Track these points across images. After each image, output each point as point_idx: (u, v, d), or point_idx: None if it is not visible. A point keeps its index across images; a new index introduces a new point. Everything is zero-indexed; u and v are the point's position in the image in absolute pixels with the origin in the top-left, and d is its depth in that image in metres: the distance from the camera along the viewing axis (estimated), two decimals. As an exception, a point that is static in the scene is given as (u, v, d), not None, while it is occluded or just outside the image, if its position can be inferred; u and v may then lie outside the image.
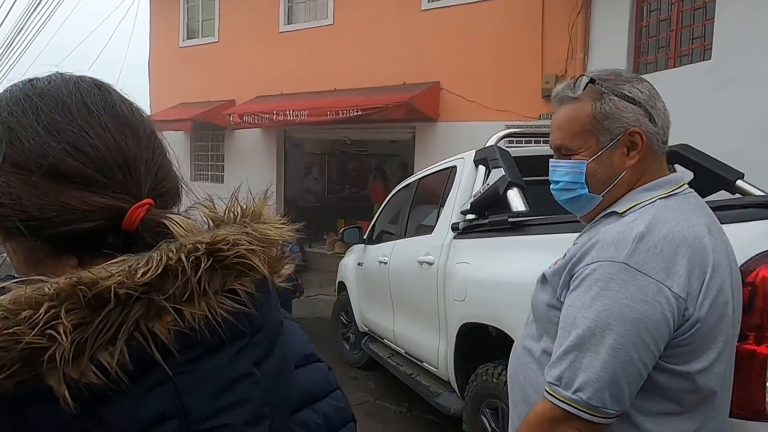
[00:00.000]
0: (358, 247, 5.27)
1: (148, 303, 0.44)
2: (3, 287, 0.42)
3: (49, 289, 0.42)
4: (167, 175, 0.56)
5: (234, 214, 0.53)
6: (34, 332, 0.39)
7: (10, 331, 0.39)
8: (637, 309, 0.90)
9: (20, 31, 11.21)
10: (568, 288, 1.00)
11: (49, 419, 0.41)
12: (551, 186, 1.12)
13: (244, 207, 0.54)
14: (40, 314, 0.40)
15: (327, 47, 8.99)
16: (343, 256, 5.76)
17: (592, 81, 1.05)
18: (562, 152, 1.09)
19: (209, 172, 11.15)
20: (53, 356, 0.40)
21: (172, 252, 0.46)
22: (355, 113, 7.45)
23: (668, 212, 0.98)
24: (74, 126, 0.50)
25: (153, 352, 0.43)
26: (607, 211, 1.06)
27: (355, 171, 12.88)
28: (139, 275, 0.43)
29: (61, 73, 0.55)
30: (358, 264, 5.03)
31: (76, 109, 0.51)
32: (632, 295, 0.91)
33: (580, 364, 0.92)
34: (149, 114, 0.58)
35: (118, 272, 0.43)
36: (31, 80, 0.54)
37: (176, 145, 11.72)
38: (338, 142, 11.89)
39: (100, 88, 0.54)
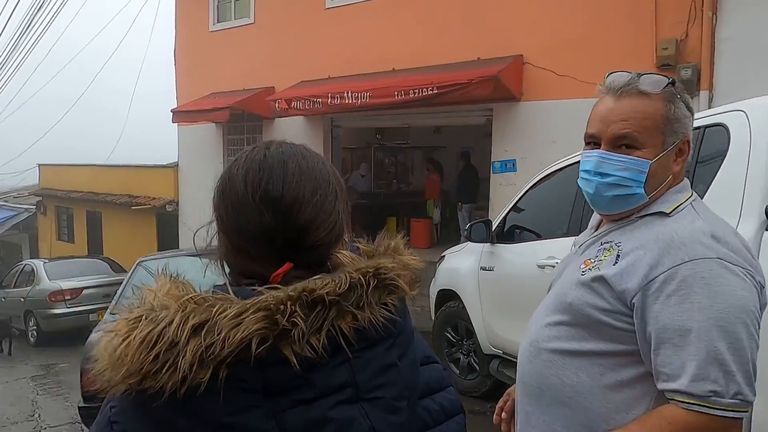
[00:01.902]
0: (472, 248, 4.22)
1: (338, 307, 0.64)
2: (255, 290, 0.63)
3: (287, 294, 0.62)
4: (315, 230, 0.69)
5: (383, 248, 0.73)
6: (285, 318, 0.61)
7: (273, 318, 0.60)
8: (749, 298, 0.94)
9: (29, 24, 10.28)
10: (647, 295, 0.96)
11: (282, 376, 0.61)
12: (594, 178, 1.07)
13: (389, 243, 0.74)
14: (288, 309, 0.61)
15: (382, 22, 7.95)
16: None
17: (672, 82, 1.05)
18: (620, 144, 1.05)
19: (245, 168, 10.14)
20: (293, 335, 0.61)
21: (353, 273, 0.66)
22: (430, 92, 6.39)
23: (708, 212, 1.05)
24: (237, 211, 0.69)
25: (340, 340, 0.64)
26: (651, 211, 1.06)
27: (401, 165, 11.83)
28: (338, 288, 0.64)
29: (253, 153, 0.73)
30: (483, 268, 3.98)
31: (240, 194, 0.69)
32: (739, 285, 0.94)
33: (729, 365, 0.91)
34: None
35: (325, 285, 0.64)
36: (236, 160, 0.73)
37: (207, 139, 10.79)
38: (372, 136, 10.88)
39: (260, 170, 0.70)
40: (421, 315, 7.05)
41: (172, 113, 9.56)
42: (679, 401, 0.92)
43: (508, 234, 3.87)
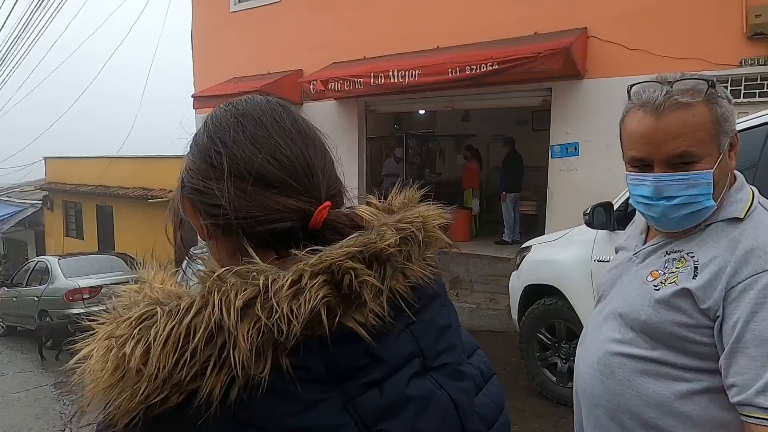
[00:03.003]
0: (579, 236, 3.65)
1: (392, 264, 0.55)
2: (315, 249, 0.52)
3: (346, 250, 0.52)
4: (336, 180, 0.64)
5: (398, 203, 0.65)
6: (356, 280, 0.51)
7: (334, 283, 0.50)
8: None
9: (34, 12, 9.64)
10: (726, 303, 0.92)
11: (347, 355, 0.51)
12: (659, 203, 1.00)
13: (402, 197, 0.66)
14: (352, 268, 0.51)
15: (424, -3, 7.37)
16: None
17: (712, 85, 0.99)
18: (677, 162, 0.99)
19: (271, 157, 9.56)
20: (363, 299, 0.51)
21: (400, 225, 0.57)
22: (490, 68, 5.81)
23: None
24: (271, 139, 0.59)
25: (400, 302, 0.55)
26: (722, 218, 1.00)
27: (432, 153, 11.26)
28: (392, 238, 0.55)
29: (254, 96, 0.65)
30: (597, 260, 3.41)
31: (270, 125, 0.60)
32: None
33: None
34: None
35: (382, 238, 0.54)
36: (231, 102, 0.64)
37: (227, 128, 10.16)
38: (389, 123, 10.28)
39: (284, 108, 0.64)
40: (475, 312, 6.53)
41: (193, 99, 8.95)
42: (749, 416, 0.88)
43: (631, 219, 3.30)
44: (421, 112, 10.63)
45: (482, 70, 5.88)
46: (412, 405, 0.53)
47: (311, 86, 7.35)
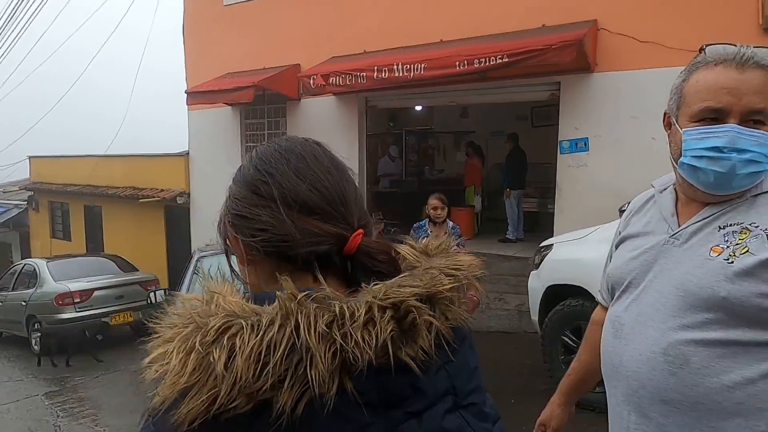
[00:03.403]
0: (611, 234, 3.45)
1: (440, 306, 0.59)
2: (357, 289, 0.57)
3: (413, 290, 0.56)
4: (365, 213, 0.69)
5: (433, 248, 0.69)
6: (419, 317, 0.55)
7: (398, 318, 0.54)
8: None
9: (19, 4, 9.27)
10: None
11: (397, 385, 0.55)
12: (731, 155, 0.98)
13: (436, 243, 0.69)
14: (416, 307, 0.55)
15: (427, -11, 7.17)
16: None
17: None
18: (754, 119, 0.99)
19: (268, 155, 9.29)
20: (420, 335, 0.56)
21: (450, 271, 0.62)
22: (500, 61, 5.63)
23: None
24: (312, 172, 0.65)
25: (442, 341, 0.58)
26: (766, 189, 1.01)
27: (432, 150, 11.07)
28: (449, 284, 0.60)
29: (295, 136, 0.72)
30: (631, 259, 3.22)
31: (311, 160, 0.67)
32: None
33: None
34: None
35: (443, 283, 0.59)
36: (274, 141, 0.70)
37: (222, 124, 9.87)
38: (384, 121, 10.05)
39: (320, 146, 0.70)
40: (485, 312, 6.36)
41: (186, 95, 8.66)
42: None
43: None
44: (418, 108, 10.44)
45: (491, 63, 5.70)
46: None
47: (311, 81, 7.10)
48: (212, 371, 0.47)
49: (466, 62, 5.85)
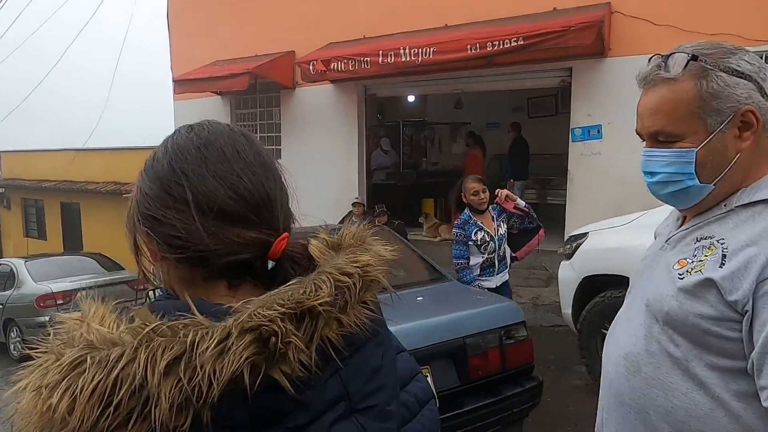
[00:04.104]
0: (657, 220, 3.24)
1: (326, 315, 0.55)
2: (231, 309, 0.52)
3: (277, 311, 0.52)
4: (290, 213, 0.64)
5: (348, 238, 0.64)
6: (280, 341, 0.51)
7: (262, 340, 0.50)
8: None
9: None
10: (757, 297, 0.84)
11: (272, 404, 0.52)
12: (645, 179, 1.01)
13: (353, 231, 0.65)
14: (280, 328, 0.51)
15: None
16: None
17: (693, 57, 0.93)
18: (659, 139, 0.97)
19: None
20: (288, 357, 0.51)
21: (338, 276, 0.57)
22: (515, 44, 5.40)
23: None
24: (233, 173, 0.59)
25: (330, 351, 0.55)
26: (753, 199, 0.93)
27: (428, 142, 10.81)
28: (326, 295, 0.55)
29: (217, 123, 0.64)
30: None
31: (232, 157, 0.60)
32: None
33: None
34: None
35: (316, 295, 0.54)
36: (193, 128, 0.64)
37: (211, 114, 9.33)
38: (373, 113, 9.72)
39: (246, 138, 0.63)
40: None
41: (174, 83, 8.20)
42: None
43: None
44: (410, 99, 10.17)
45: (506, 46, 5.46)
46: None
47: (311, 67, 6.77)
48: (55, 415, 0.44)
49: (478, 45, 5.60)
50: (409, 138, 10.33)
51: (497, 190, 3.64)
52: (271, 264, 0.61)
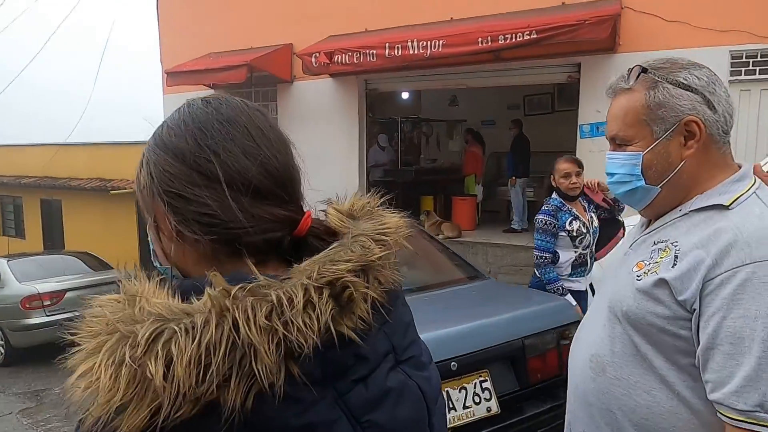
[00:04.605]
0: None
1: (374, 274, 0.59)
2: (278, 277, 0.53)
3: (347, 266, 0.55)
4: (300, 176, 0.65)
5: (359, 208, 0.67)
6: (355, 293, 0.55)
7: (335, 296, 0.54)
8: None
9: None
10: (703, 296, 0.91)
11: (339, 358, 0.55)
12: (607, 179, 1.10)
13: (363, 202, 0.68)
14: (352, 282, 0.55)
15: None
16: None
17: (644, 70, 1.02)
18: (617, 143, 1.07)
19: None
20: (357, 309, 0.55)
21: (378, 237, 0.61)
22: (527, 37, 5.30)
23: None
24: (260, 151, 0.59)
25: (379, 307, 0.58)
26: (707, 204, 0.99)
27: (427, 137, 10.67)
28: (379, 254, 0.59)
29: (229, 98, 0.63)
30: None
31: (256, 136, 0.60)
32: None
33: None
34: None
35: (374, 253, 0.58)
36: (209, 102, 0.62)
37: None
38: (371, 109, 9.57)
39: (262, 114, 0.63)
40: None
41: (166, 75, 7.89)
42: (723, 415, 0.89)
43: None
44: (405, 96, 10.03)
45: (518, 39, 5.36)
46: (391, 396, 0.59)
47: (313, 59, 6.56)
48: (150, 384, 0.45)
49: (489, 39, 5.48)
50: (405, 135, 10.16)
51: (588, 180, 3.14)
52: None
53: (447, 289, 2.66)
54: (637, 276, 0.99)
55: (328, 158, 7.75)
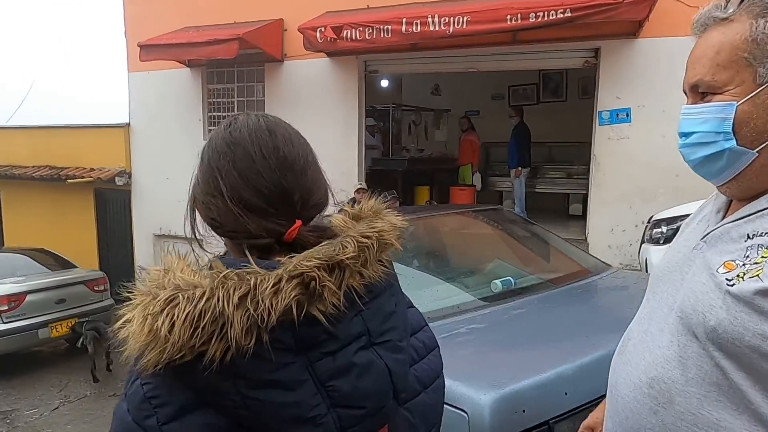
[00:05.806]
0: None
1: (350, 269, 0.71)
2: (279, 261, 0.69)
3: (315, 263, 0.68)
4: (317, 191, 0.79)
5: (366, 211, 0.80)
6: (318, 284, 0.68)
7: (305, 284, 0.67)
8: None
9: None
10: None
11: (311, 333, 0.68)
12: (680, 142, 0.87)
13: (370, 205, 0.81)
14: (317, 275, 0.68)
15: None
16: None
17: None
18: (700, 91, 0.83)
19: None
20: (324, 297, 0.68)
21: (359, 238, 0.73)
22: (561, 15, 5.02)
23: None
24: (255, 173, 0.74)
25: (354, 296, 0.71)
26: None
27: (415, 126, 10.29)
28: (350, 251, 0.71)
29: (247, 119, 0.78)
30: None
31: (256, 157, 0.74)
32: None
33: None
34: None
35: (344, 252, 0.70)
36: (229, 125, 0.78)
37: (176, 90, 8.17)
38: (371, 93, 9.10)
39: (270, 134, 0.76)
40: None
41: (140, 48, 7.00)
42: None
43: None
44: (384, 83, 9.64)
45: (550, 18, 5.07)
46: (355, 369, 0.70)
47: (317, 34, 5.99)
48: (159, 334, 0.61)
49: (519, 16, 5.16)
50: (394, 123, 9.74)
51: None
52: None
53: (584, 281, 2.29)
54: (728, 280, 0.77)
55: (322, 146, 7.12)
